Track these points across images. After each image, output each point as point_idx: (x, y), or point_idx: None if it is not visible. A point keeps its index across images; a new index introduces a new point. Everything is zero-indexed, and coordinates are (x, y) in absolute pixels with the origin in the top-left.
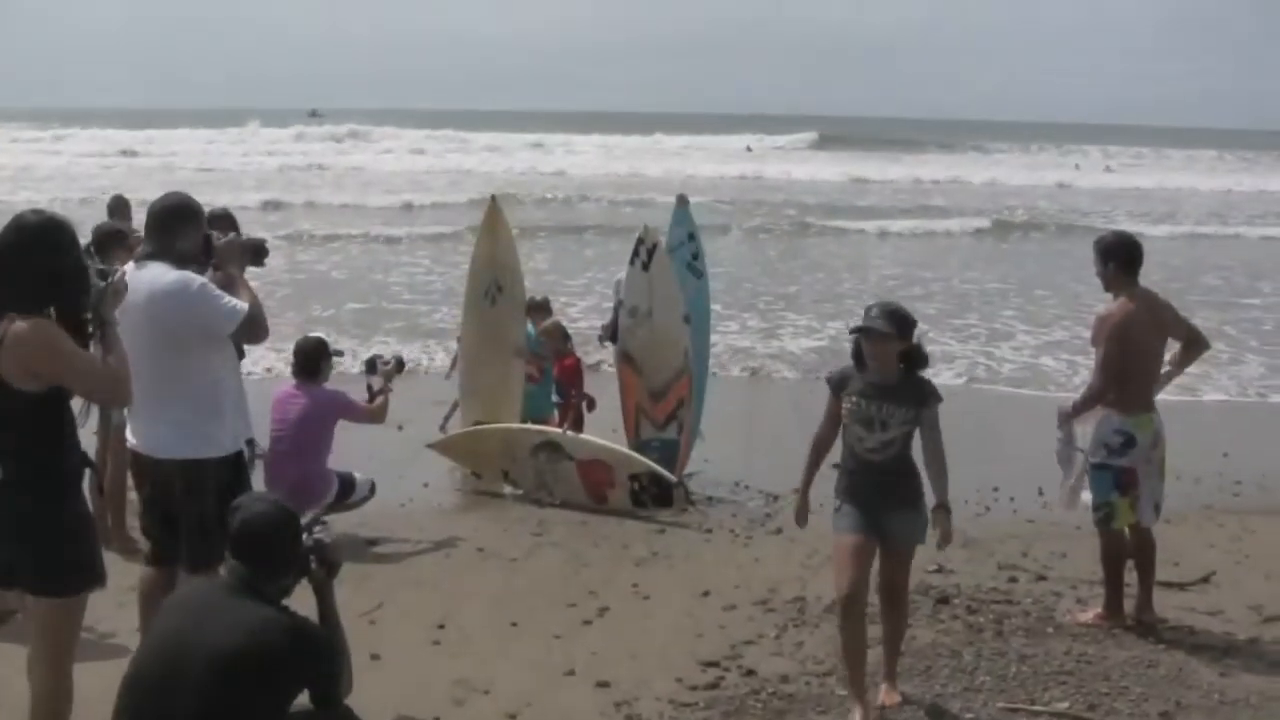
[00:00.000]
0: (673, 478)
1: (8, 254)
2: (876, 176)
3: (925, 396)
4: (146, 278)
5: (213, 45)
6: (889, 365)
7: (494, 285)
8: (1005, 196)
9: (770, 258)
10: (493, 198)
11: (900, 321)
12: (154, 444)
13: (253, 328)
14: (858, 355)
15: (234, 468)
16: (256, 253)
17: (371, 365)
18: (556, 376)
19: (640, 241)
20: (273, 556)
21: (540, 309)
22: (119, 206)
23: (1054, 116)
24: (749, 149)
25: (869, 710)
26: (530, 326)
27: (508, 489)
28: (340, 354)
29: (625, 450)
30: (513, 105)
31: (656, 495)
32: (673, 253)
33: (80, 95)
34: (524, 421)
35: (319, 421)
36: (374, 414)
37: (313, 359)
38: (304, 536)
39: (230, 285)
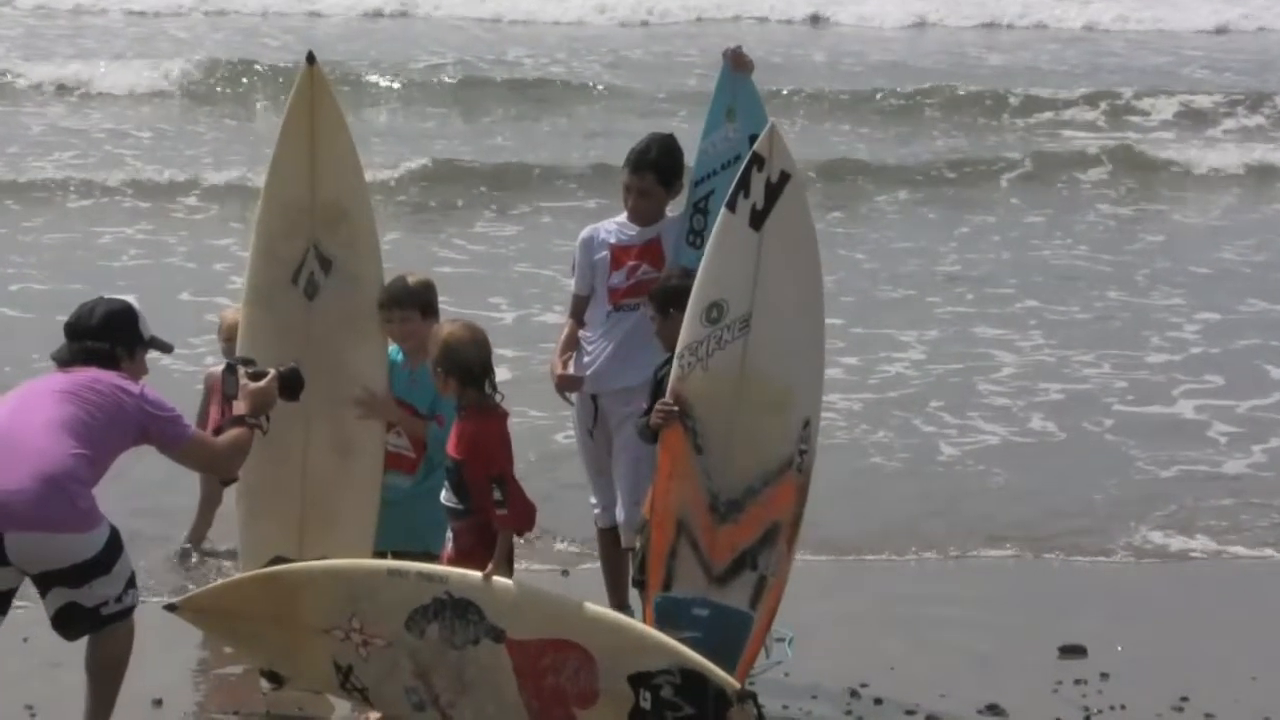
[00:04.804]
0: (734, 683)
1: None
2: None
3: None
4: None
5: None
6: None
7: (313, 255)
8: None
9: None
10: (309, 59)
11: None
12: None
13: None
14: None
15: None
16: None
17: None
18: (455, 455)
19: (756, 161)
20: None
21: (410, 304)
22: None
23: None
24: None
25: None
26: (394, 348)
27: (350, 711)
28: (166, 347)
29: (619, 618)
30: None
31: None
32: (698, 185)
33: None
34: (383, 554)
35: (102, 414)
36: (208, 451)
37: (105, 332)
38: None
39: None
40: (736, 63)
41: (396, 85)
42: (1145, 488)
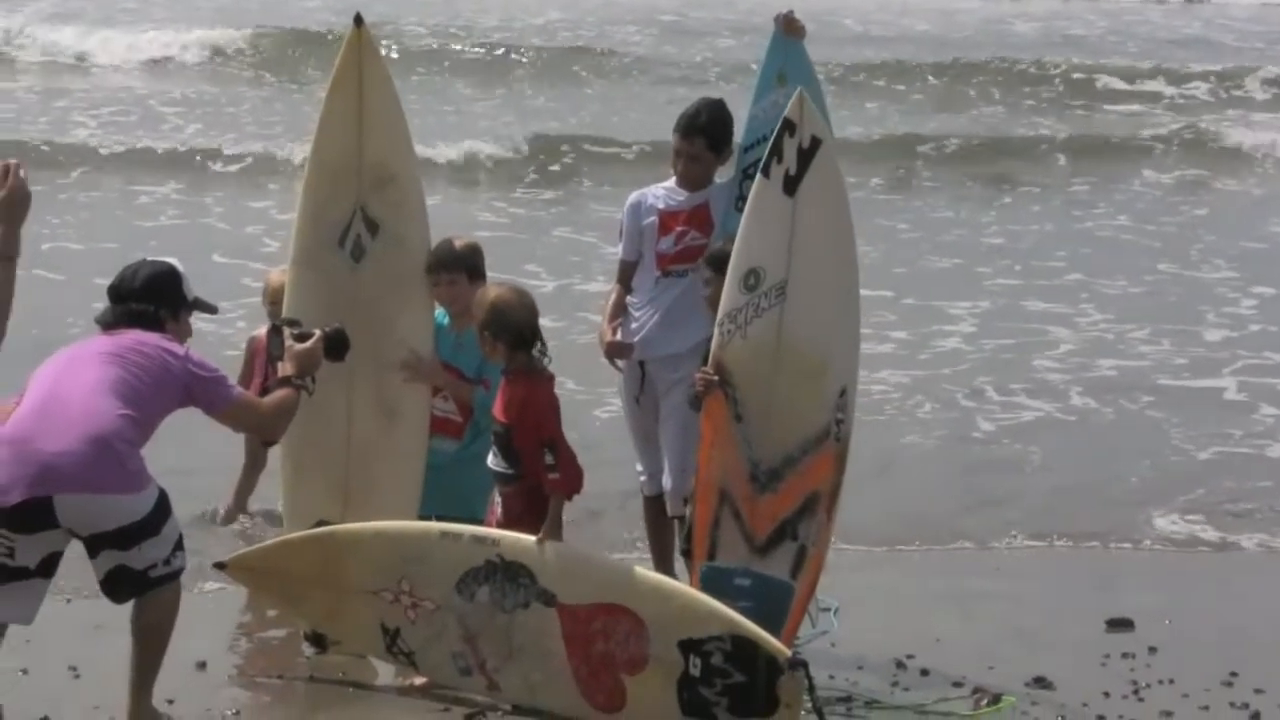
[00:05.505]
0: (785, 651)
1: None
2: None
3: None
4: None
5: None
6: None
7: (359, 219)
8: None
9: None
10: (356, 20)
11: None
12: None
13: None
14: None
15: None
16: None
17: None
18: (504, 419)
19: (787, 127)
20: None
21: (457, 267)
22: None
23: None
24: None
25: None
26: (441, 311)
27: (393, 676)
28: (210, 308)
29: (671, 584)
30: None
31: (742, 689)
32: (747, 151)
33: None
34: (427, 519)
35: (149, 376)
36: (254, 412)
37: (148, 294)
38: None
39: None
40: (788, 27)
41: (435, 48)
42: (1182, 469)
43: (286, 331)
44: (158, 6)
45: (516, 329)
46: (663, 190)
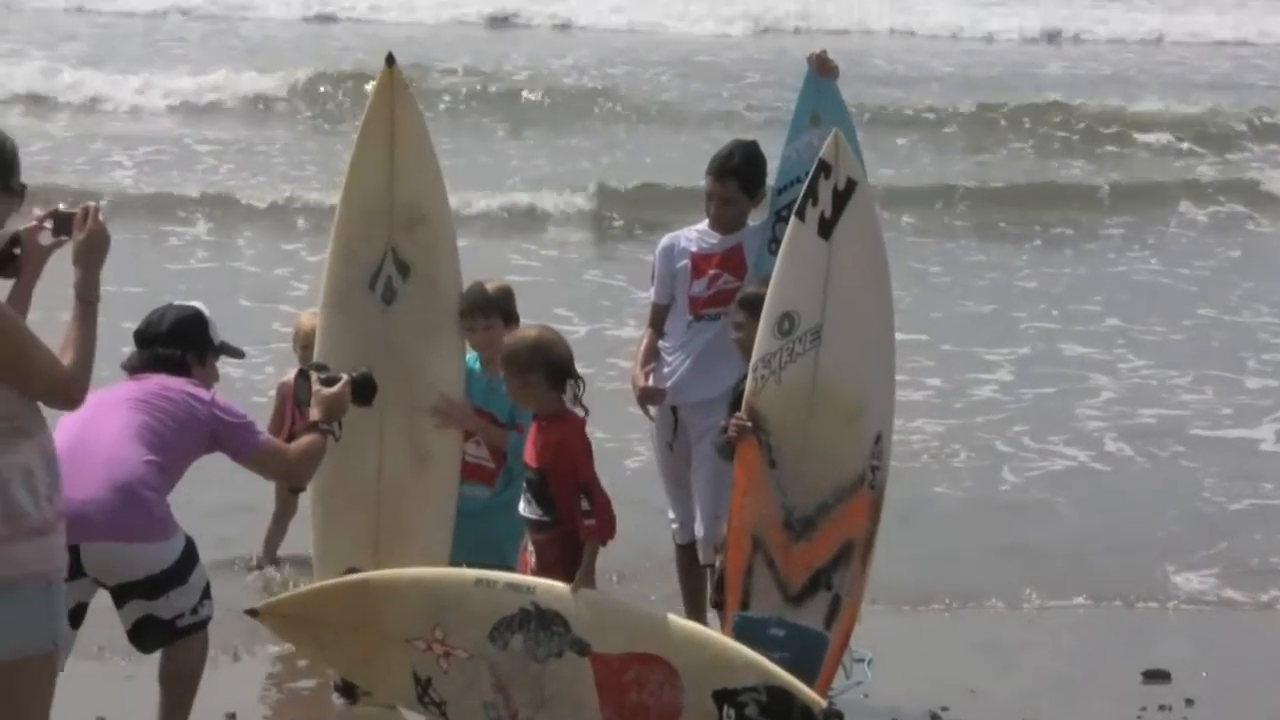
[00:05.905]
0: (821, 701)
1: None
2: None
3: None
4: None
5: None
6: None
7: (390, 261)
8: None
9: None
10: (389, 61)
11: None
12: None
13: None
14: None
15: None
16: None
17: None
18: (537, 464)
19: (823, 169)
20: None
21: (493, 311)
22: None
23: None
24: None
25: None
26: (473, 356)
27: None
28: (237, 353)
29: (706, 633)
30: None
31: None
32: (780, 192)
33: None
34: (458, 564)
35: (174, 421)
36: (280, 458)
37: (174, 339)
38: None
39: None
40: (821, 68)
41: (465, 89)
42: (1212, 522)
43: (313, 376)
44: (193, 48)
45: (562, 364)
46: (695, 233)
